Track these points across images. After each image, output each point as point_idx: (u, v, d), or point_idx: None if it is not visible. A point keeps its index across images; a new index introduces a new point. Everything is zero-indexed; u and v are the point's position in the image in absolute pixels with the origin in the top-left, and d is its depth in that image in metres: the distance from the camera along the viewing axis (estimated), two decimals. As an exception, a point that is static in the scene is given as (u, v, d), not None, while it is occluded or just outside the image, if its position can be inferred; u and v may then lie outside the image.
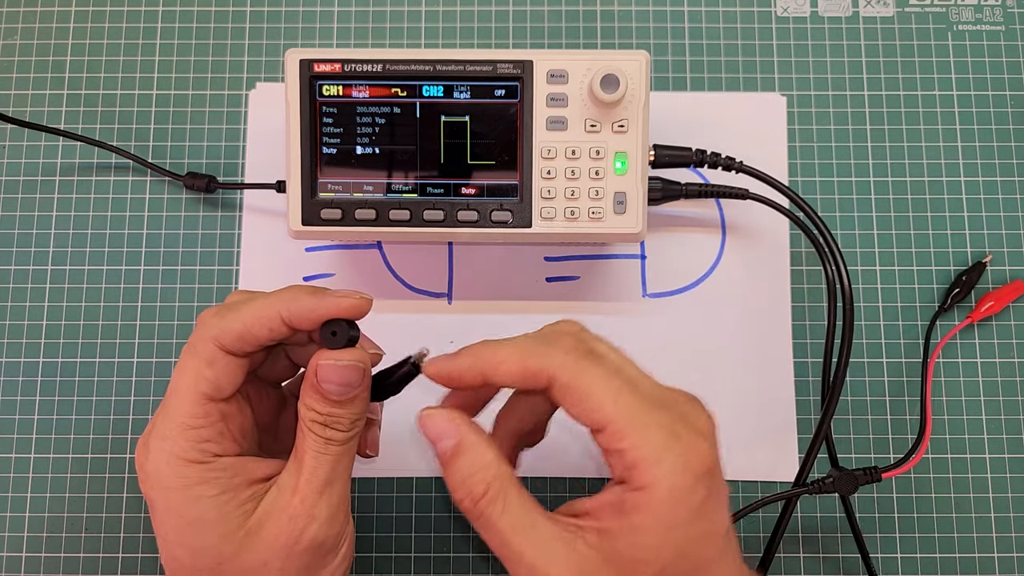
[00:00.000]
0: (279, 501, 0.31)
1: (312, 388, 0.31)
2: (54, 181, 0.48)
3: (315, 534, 0.31)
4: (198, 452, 0.31)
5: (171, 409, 0.31)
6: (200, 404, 0.31)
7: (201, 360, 0.31)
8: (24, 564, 0.44)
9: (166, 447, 0.31)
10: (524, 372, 0.30)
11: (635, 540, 0.28)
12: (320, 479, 0.31)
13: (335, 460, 0.32)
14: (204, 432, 0.31)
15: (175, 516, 0.31)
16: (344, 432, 0.32)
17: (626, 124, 0.40)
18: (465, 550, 0.45)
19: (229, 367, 0.31)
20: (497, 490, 0.30)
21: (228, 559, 0.31)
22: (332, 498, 0.31)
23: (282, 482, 0.32)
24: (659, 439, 0.28)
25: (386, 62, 0.40)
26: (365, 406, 0.33)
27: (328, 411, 0.31)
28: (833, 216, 0.48)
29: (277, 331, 0.31)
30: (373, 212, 0.40)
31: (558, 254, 0.47)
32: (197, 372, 0.31)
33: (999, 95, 0.49)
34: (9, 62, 0.50)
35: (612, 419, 0.29)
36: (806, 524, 0.45)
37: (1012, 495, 0.45)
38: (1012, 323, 0.47)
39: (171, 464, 0.30)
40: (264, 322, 0.31)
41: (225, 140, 0.49)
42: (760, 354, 0.46)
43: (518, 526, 0.29)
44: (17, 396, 0.46)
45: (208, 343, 0.31)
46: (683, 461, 0.28)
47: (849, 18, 0.50)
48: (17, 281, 0.47)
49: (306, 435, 0.31)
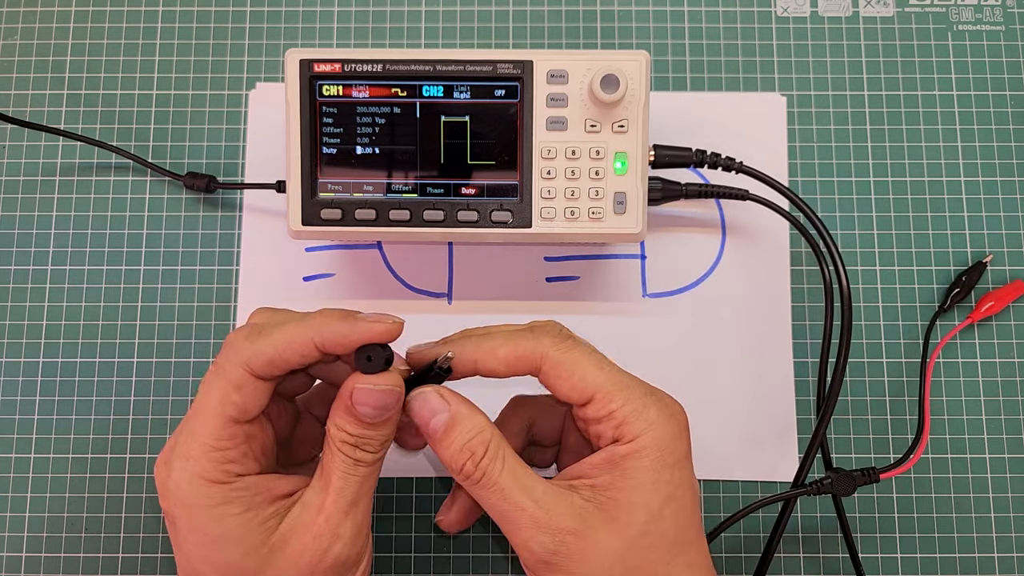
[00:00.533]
0: (303, 519, 0.31)
1: (345, 410, 0.31)
2: (54, 181, 0.48)
3: (339, 553, 0.31)
4: (221, 473, 0.31)
5: (196, 430, 0.31)
6: (226, 427, 0.31)
7: (229, 383, 0.31)
8: (24, 564, 0.45)
9: (189, 467, 0.31)
10: (516, 354, 0.33)
11: (627, 485, 0.31)
12: (347, 499, 0.31)
13: (362, 481, 0.32)
14: (229, 454, 0.31)
15: (199, 533, 0.31)
16: (373, 454, 0.32)
17: (626, 124, 0.40)
18: (465, 550, 0.45)
19: (257, 391, 0.32)
20: (495, 449, 0.32)
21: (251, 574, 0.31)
22: (357, 517, 0.32)
23: (307, 500, 0.32)
24: (641, 395, 0.32)
25: (386, 62, 0.40)
26: (395, 427, 0.33)
27: (360, 433, 0.31)
28: (833, 216, 0.48)
29: (309, 356, 0.31)
30: (373, 212, 0.40)
31: (558, 254, 0.47)
32: (224, 395, 0.31)
33: (999, 95, 0.49)
34: (9, 62, 0.50)
35: (599, 385, 0.32)
36: (805, 524, 0.45)
37: (1012, 495, 0.45)
38: (1012, 323, 0.47)
39: (194, 484, 0.31)
40: (296, 348, 0.31)
41: (225, 140, 0.49)
42: (760, 354, 0.46)
43: (518, 482, 0.31)
44: (17, 396, 0.46)
45: (238, 367, 0.31)
46: (666, 412, 0.32)
47: (849, 18, 0.50)
48: (17, 281, 0.47)
49: (335, 455, 0.32)
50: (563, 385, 0.32)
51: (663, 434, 0.31)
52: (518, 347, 0.33)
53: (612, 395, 0.32)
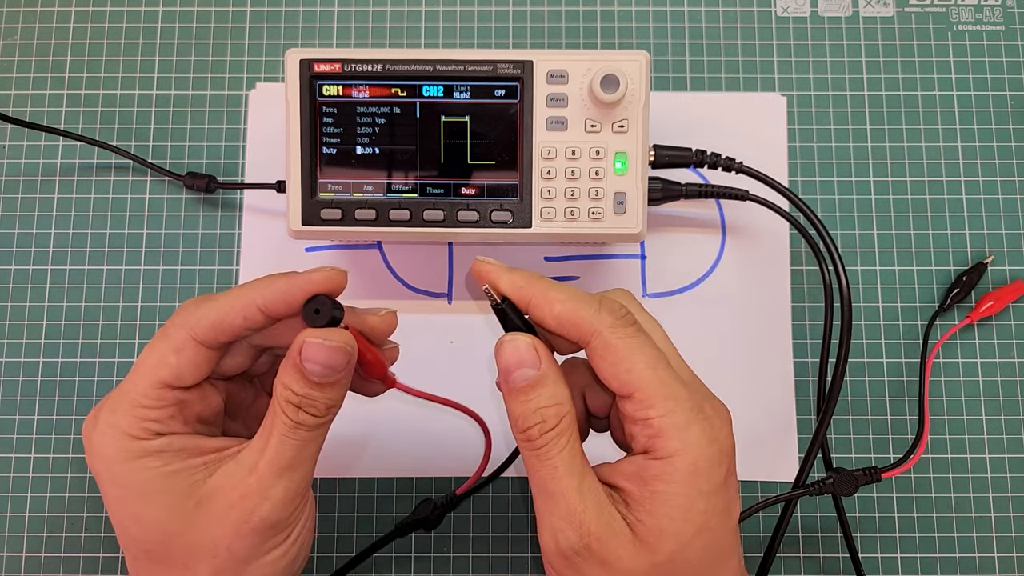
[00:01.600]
0: (235, 476, 0.30)
1: (293, 367, 0.30)
2: (54, 181, 0.48)
3: (267, 514, 0.30)
4: (141, 430, 0.30)
5: (126, 387, 0.31)
6: (155, 388, 0.31)
7: (169, 345, 0.31)
8: (24, 564, 0.45)
9: (113, 420, 0.30)
10: (572, 317, 0.30)
11: (658, 511, 0.29)
12: (282, 462, 0.30)
13: (301, 445, 0.31)
14: (153, 413, 0.31)
15: (121, 487, 0.30)
16: (317, 417, 0.31)
17: (626, 124, 0.40)
18: (465, 550, 0.45)
19: (196, 358, 0.31)
20: (566, 426, 0.30)
21: (177, 531, 0.30)
22: (291, 482, 0.31)
23: (242, 457, 0.31)
24: (687, 410, 0.29)
25: (386, 62, 0.40)
26: (343, 393, 0.32)
27: (305, 392, 0.30)
28: (833, 216, 0.48)
29: (252, 319, 0.31)
30: (373, 212, 0.40)
31: (558, 254, 0.47)
32: (162, 357, 0.31)
33: (999, 95, 0.49)
34: (9, 62, 0.50)
35: (643, 385, 0.29)
36: (806, 524, 0.45)
37: (1012, 495, 0.45)
38: (1012, 323, 0.47)
39: (116, 438, 0.30)
40: (239, 310, 0.31)
41: (225, 140, 0.49)
42: (760, 354, 0.46)
43: (572, 468, 0.30)
44: (17, 396, 0.46)
45: (181, 329, 0.31)
46: (709, 433, 0.29)
47: (849, 18, 0.50)
48: (17, 281, 0.47)
49: (276, 414, 0.31)
50: (607, 370, 0.30)
51: (700, 459, 0.29)
52: (577, 312, 0.30)
53: (653, 401, 0.29)
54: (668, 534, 0.29)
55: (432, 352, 0.46)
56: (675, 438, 0.29)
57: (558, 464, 0.30)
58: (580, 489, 0.30)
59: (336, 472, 0.45)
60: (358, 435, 0.46)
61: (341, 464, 0.45)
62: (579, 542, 0.29)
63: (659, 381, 0.30)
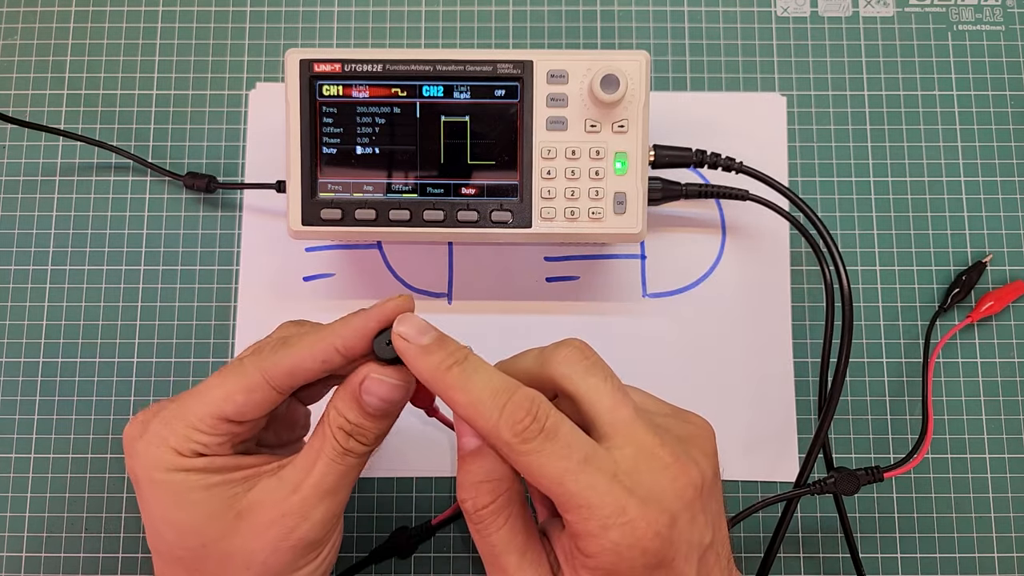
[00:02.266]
0: (277, 493, 0.31)
1: (351, 396, 0.31)
2: (54, 181, 0.48)
3: (305, 534, 0.31)
4: (188, 449, 0.31)
5: (188, 406, 0.31)
6: (216, 419, 0.31)
7: (241, 383, 0.31)
8: (24, 564, 0.44)
9: (163, 433, 0.31)
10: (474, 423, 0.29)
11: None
12: (327, 486, 0.31)
13: (346, 471, 0.31)
14: (204, 439, 0.31)
15: (160, 492, 0.30)
16: (365, 446, 0.32)
17: (626, 124, 0.40)
18: (465, 550, 0.45)
19: (263, 401, 0.31)
20: (502, 505, 0.30)
21: (213, 540, 0.30)
22: (332, 505, 0.31)
23: (285, 476, 0.31)
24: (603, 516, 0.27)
25: (386, 62, 0.39)
26: (393, 423, 0.32)
27: (359, 422, 0.31)
28: (833, 216, 0.48)
29: (331, 363, 0.31)
30: (373, 212, 0.40)
31: (558, 254, 0.47)
32: (231, 393, 0.31)
33: (999, 95, 0.49)
34: (9, 62, 0.49)
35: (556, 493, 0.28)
36: (806, 524, 0.45)
37: (1012, 495, 0.45)
38: (1012, 323, 0.47)
39: (161, 449, 0.30)
40: (318, 355, 0.31)
41: (225, 140, 0.49)
42: (760, 354, 0.46)
43: (510, 546, 0.29)
44: (17, 396, 0.46)
45: (257, 372, 0.31)
46: (629, 538, 0.27)
47: (849, 18, 0.50)
48: (17, 281, 0.47)
49: (326, 439, 0.31)
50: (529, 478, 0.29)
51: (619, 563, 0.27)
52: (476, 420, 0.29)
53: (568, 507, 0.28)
54: None
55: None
56: (592, 543, 0.27)
57: (494, 543, 0.29)
58: (520, 566, 0.29)
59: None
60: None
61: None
62: None
63: (572, 489, 0.28)
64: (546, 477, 0.28)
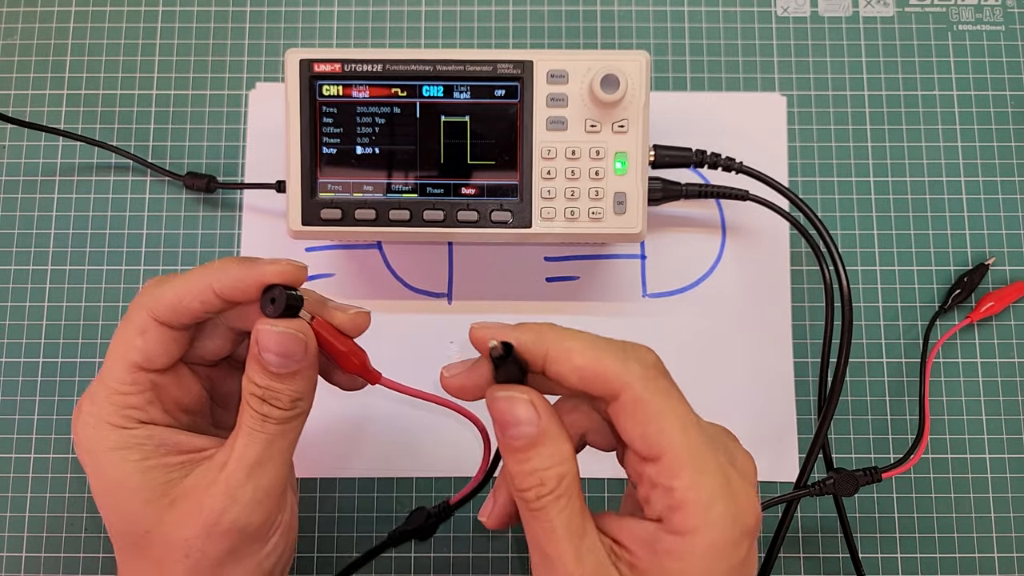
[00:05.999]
0: (206, 475, 0.30)
1: (253, 358, 0.30)
2: (54, 181, 0.48)
3: (236, 517, 0.30)
4: (122, 417, 0.30)
5: (103, 374, 0.31)
6: (129, 372, 0.31)
7: (133, 328, 0.31)
8: (24, 564, 0.44)
9: (94, 410, 0.31)
10: (596, 368, 0.28)
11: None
12: (250, 458, 0.30)
13: (269, 440, 0.30)
14: (130, 399, 0.31)
15: (101, 478, 0.30)
16: (282, 410, 0.30)
17: (626, 124, 0.40)
18: (465, 550, 0.45)
19: (162, 338, 0.31)
20: (566, 487, 0.28)
21: (154, 527, 0.30)
22: (261, 480, 0.30)
23: (216, 457, 0.31)
24: (713, 484, 0.27)
25: (386, 62, 0.40)
26: (309, 385, 0.31)
27: (267, 384, 0.30)
28: (833, 216, 0.48)
29: (209, 303, 0.31)
30: (373, 212, 0.40)
31: (558, 254, 0.47)
32: (129, 340, 0.31)
33: (999, 95, 0.49)
34: (9, 62, 0.49)
35: (673, 450, 0.27)
36: (806, 525, 0.45)
37: (1012, 495, 0.45)
38: (1012, 323, 0.47)
39: (97, 427, 0.30)
40: (195, 294, 0.30)
41: (225, 140, 0.49)
42: (760, 354, 0.46)
43: (571, 530, 0.28)
44: (17, 396, 0.46)
45: (141, 312, 0.31)
46: (734, 511, 0.27)
47: (849, 18, 0.50)
48: (17, 281, 0.47)
49: (244, 409, 0.31)
50: (634, 429, 0.27)
51: (720, 541, 0.26)
52: (600, 362, 0.27)
53: (680, 470, 0.27)
54: None
55: (432, 352, 0.46)
56: (697, 515, 0.26)
57: (556, 526, 0.28)
58: (578, 552, 0.27)
59: (335, 472, 0.45)
60: (358, 434, 0.46)
61: (340, 464, 0.45)
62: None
63: (690, 447, 0.27)
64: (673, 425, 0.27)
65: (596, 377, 0.28)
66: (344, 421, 0.46)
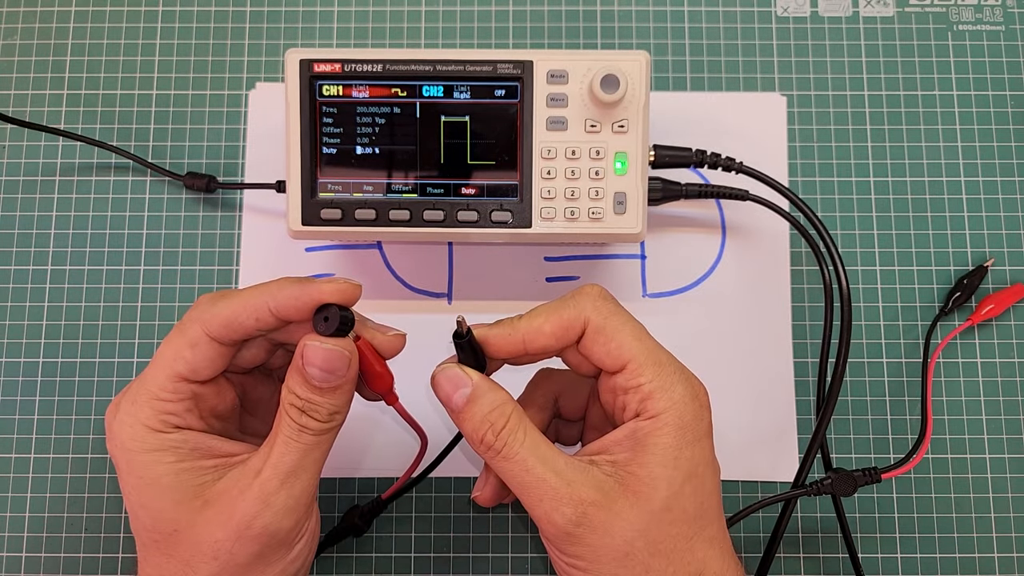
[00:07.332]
0: (241, 480, 0.31)
1: (296, 370, 0.31)
2: (54, 181, 0.48)
3: (267, 522, 0.31)
4: (159, 422, 0.31)
5: (146, 378, 0.32)
6: (172, 381, 0.31)
7: (185, 340, 0.32)
8: (24, 564, 0.44)
9: (133, 411, 0.31)
10: (561, 323, 0.33)
11: (649, 460, 0.31)
12: (286, 466, 0.31)
13: (305, 450, 0.31)
14: (170, 406, 0.31)
15: (135, 476, 0.31)
16: (320, 422, 0.32)
17: (626, 124, 0.40)
18: (465, 550, 0.45)
19: (210, 353, 0.32)
20: (516, 421, 0.32)
21: (184, 527, 0.31)
22: (294, 489, 0.31)
23: (250, 462, 0.32)
24: (671, 372, 0.32)
25: (386, 62, 0.39)
26: (346, 400, 0.33)
27: (307, 396, 0.31)
28: (833, 216, 0.48)
29: (264, 321, 0.32)
30: (373, 212, 0.40)
31: (558, 254, 0.47)
32: (178, 351, 0.32)
33: (999, 95, 0.49)
34: (9, 62, 0.50)
35: (633, 356, 0.32)
36: (806, 525, 0.45)
37: (1012, 495, 0.45)
38: (1012, 324, 0.47)
39: (134, 428, 0.31)
40: (251, 311, 0.31)
41: (225, 140, 0.49)
42: (760, 354, 0.46)
43: (539, 454, 0.31)
44: (17, 396, 0.46)
45: (195, 325, 0.32)
46: (691, 390, 0.32)
47: (849, 18, 0.50)
48: (17, 281, 0.47)
49: (282, 418, 0.32)
50: (599, 350, 0.33)
51: (686, 413, 0.32)
52: (561, 316, 0.33)
53: (644, 368, 0.32)
54: (661, 480, 0.31)
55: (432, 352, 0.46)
56: (663, 398, 0.32)
57: (524, 455, 0.31)
58: (556, 469, 0.31)
59: (336, 472, 0.45)
60: (359, 435, 0.46)
61: (341, 464, 0.45)
62: (575, 512, 0.30)
63: (646, 350, 0.32)
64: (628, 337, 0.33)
65: (563, 330, 0.33)
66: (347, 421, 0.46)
